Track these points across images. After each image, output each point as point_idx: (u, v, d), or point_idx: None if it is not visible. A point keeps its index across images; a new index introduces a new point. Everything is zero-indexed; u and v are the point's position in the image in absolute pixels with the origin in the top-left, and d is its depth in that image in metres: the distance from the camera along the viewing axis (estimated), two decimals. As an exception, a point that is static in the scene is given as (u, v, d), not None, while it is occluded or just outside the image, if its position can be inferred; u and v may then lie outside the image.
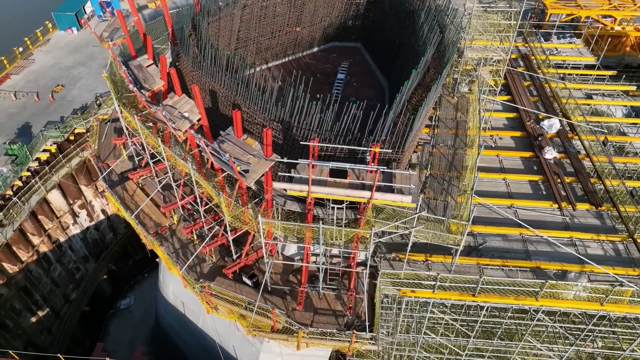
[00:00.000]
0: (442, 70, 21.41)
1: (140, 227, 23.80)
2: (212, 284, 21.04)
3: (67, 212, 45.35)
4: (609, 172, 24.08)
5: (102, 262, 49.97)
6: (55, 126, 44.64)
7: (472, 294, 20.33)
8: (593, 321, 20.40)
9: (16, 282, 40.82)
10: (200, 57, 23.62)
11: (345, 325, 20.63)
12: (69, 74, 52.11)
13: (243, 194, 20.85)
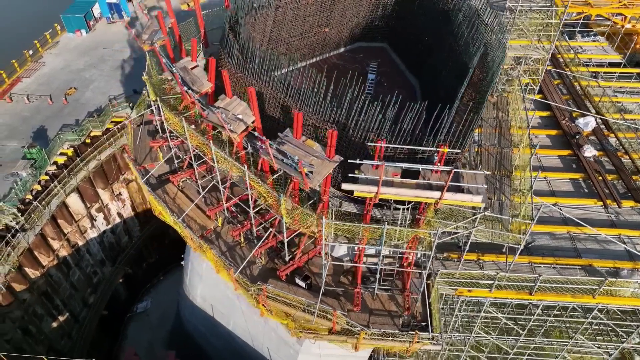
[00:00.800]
0: (494, 69, 21.50)
1: (188, 230, 23.62)
2: (270, 287, 20.95)
3: (85, 216, 44.97)
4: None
5: (118, 265, 49.63)
6: (72, 129, 44.25)
7: (529, 292, 20.47)
8: (647, 317, 20.66)
9: (38, 287, 40.40)
10: (243, 58, 23.55)
11: (402, 326, 20.66)
12: (81, 76, 51.63)
13: (295, 196, 20.79)
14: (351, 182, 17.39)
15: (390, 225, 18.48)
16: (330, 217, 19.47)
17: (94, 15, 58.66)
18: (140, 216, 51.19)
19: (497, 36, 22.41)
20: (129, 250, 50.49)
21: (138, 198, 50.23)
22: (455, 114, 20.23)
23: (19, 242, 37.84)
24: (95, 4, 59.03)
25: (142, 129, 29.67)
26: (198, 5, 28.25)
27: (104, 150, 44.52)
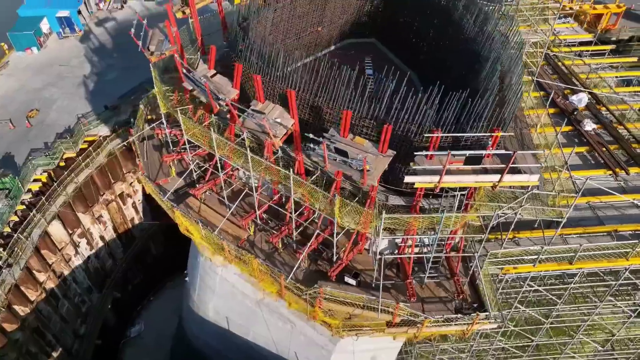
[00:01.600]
0: (517, 59, 22.44)
1: (226, 242, 23.01)
2: (328, 288, 20.84)
3: (69, 243, 42.70)
4: (648, 136, 26.41)
5: (106, 291, 47.41)
6: (43, 153, 41.79)
7: (569, 262, 21.62)
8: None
9: (29, 324, 37.97)
10: (264, 63, 23.23)
11: (456, 310, 21.20)
12: (41, 96, 48.78)
13: (339, 194, 20.78)
14: (412, 175, 17.64)
15: (442, 213, 18.91)
16: (379, 211, 19.65)
17: (43, 32, 55.45)
18: (122, 237, 49.14)
19: (509, 27, 23.39)
20: (115, 273, 48.33)
21: (119, 218, 48.19)
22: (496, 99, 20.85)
23: (4, 279, 35.37)
24: (43, 19, 55.82)
25: (147, 144, 28.48)
26: (195, 13, 27.49)
27: (81, 172, 42.38)
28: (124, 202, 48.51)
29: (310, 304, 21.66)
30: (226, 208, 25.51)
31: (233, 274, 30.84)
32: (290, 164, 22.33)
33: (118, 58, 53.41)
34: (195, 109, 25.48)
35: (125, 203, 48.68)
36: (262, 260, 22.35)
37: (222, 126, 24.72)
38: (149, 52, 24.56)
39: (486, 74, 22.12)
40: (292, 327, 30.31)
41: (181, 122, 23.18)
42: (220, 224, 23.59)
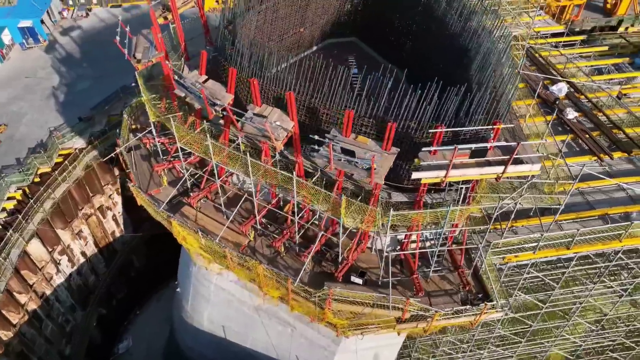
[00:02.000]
0: (506, 51, 22.92)
1: (231, 251, 22.65)
2: (337, 289, 20.78)
3: (49, 262, 41.26)
4: (629, 121, 27.43)
5: (90, 308, 46.04)
6: (16, 169, 40.26)
7: (567, 247, 22.26)
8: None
9: (13, 349, 36.53)
10: (257, 67, 23.03)
11: (462, 301, 21.52)
12: (8, 111, 47.01)
13: (341, 194, 20.77)
14: (418, 171, 17.81)
15: (448, 207, 19.16)
16: (384, 209, 19.76)
17: (5, 43, 53.37)
18: (104, 251, 47.83)
19: (493, 21, 23.90)
20: (98, 289, 46.99)
21: (99, 232, 46.91)
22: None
23: (-15, 305, 34.00)
24: (4, 30, 53.70)
25: (134, 154, 27.76)
26: (177, 18, 26.98)
27: (57, 187, 41.06)
28: (104, 216, 47.26)
29: (319, 306, 21.57)
30: (223, 215, 25.17)
31: (229, 282, 30.49)
32: (290, 167, 22.19)
33: (88, 67, 51.97)
34: (185, 116, 25.00)
35: (105, 216, 47.43)
36: (267, 266, 22.11)
37: (214, 132, 24.34)
38: (136, 59, 23.96)
39: (477, 68, 22.52)
40: (293, 330, 30.17)
41: (173, 130, 22.71)
42: (221, 232, 23.21)
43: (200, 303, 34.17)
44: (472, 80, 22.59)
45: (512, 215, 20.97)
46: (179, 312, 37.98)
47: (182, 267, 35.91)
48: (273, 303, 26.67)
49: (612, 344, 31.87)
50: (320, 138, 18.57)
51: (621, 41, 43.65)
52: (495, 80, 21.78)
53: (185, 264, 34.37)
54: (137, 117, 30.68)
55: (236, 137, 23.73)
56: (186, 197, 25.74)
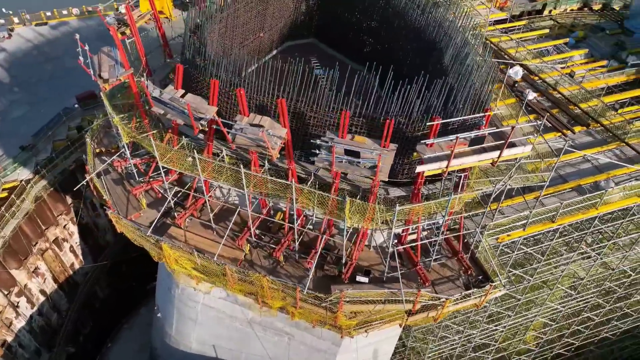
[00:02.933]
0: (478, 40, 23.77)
1: (231, 267, 21.92)
2: (349, 290, 20.69)
3: (7, 306, 38.24)
4: (582, 97, 29.37)
5: (57, 349, 43.17)
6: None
7: (552, 221, 23.50)
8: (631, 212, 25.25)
9: (-20, 405, 33.51)
10: (232, 74, 22.50)
11: (465, 286, 22.15)
12: None
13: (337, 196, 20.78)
14: (422, 164, 18.13)
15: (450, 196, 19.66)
16: (385, 205, 19.98)
17: None
18: (65, 286, 44.95)
19: (454, 12, 24.74)
20: (64, 327, 44.11)
21: (57, 267, 44.04)
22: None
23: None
24: None
25: (105, 179, 26.23)
26: (136, 31, 25.78)
27: (6, 224, 38.12)
28: (61, 248, 44.44)
29: (329, 310, 21.42)
30: (213, 232, 24.38)
31: (218, 299, 29.66)
32: (281, 174, 21.85)
33: (20, 92, 48.77)
34: (160, 133, 23.94)
35: (62, 249, 44.62)
36: (271, 277, 21.65)
37: (195, 147, 23.45)
38: (102, 79, 22.62)
39: (452, 59, 23.20)
40: (290, 339, 29.83)
41: (154, 149, 21.68)
42: (218, 249, 22.44)
43: (186, 325, 32.93)
44: (449, 71, 23.26)
45: (502, 197, 21.82)
46: (161, 338, 36.39)
47: (163, 292, 34.44)
48: (271, 314, 26.23)
49: (587, 305, 34.11)
50: (321, 142, 18.41)
51: (552, 23, 46.57)
52: (472, 68, 22.52)
53: (166, 287, 32.98)
54: (100, 140, 29.05)
55: (220, 151, 23.06)
56: (169, 218, 24.70)
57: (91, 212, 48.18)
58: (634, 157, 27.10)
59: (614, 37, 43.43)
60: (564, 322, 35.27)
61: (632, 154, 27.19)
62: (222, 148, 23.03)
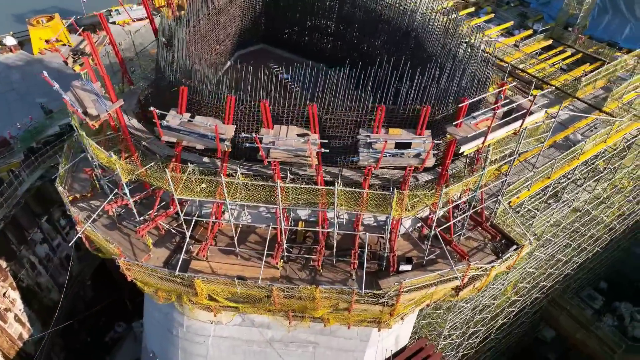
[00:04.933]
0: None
1: (278, 289, 20.91)
2: (406, 279, 20.82)
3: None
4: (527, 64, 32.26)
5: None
6: None
7: (548, 177, 25.71)
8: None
9: None
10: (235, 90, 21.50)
11: (494, 252, 23.44)
12: None
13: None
14: (463, 144, 18.88)
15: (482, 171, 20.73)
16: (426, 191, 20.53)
17: None
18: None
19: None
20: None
21: (5, 342, 39.09)
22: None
23: None
24: None
25: (97, 225, 23.57)
26: (99, 60, 23.40)
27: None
28: (5, 320, 39.22)
29: (387, 305, 21.45)
30: (236, 256, 23.14)
31: (231, 327, 28.30)
32: (306, 182, 21.38)
33: None
34: (162, 163, 22.03)
35: (6, 320, 39.40)
36: (324, 287, 21.12)
37: (205, 171, 21.99)
38: (90, 117, 20.24)
39: (438, 44, 24.25)
40: (315, 347, 29.33)
41: (169, 182, 19.99)
42: (259, 273, 21.35)
43: (196, 348, 30.78)
44: (436, 56, 24.28)
45: (512, 162, 23.30)
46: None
47: (158, 336, 31.91)
48: (303, 326, 25.66)
49: (559, 248, 37.90)
50: (366, 139, 18.34)
51: (457, 1, 50.27)
52: (458, 49, 23.72)
53: (164, 330, 30.59)
54: (71, 186, 26.03)
55: (235, 170, 21.91)
56: (183, 253, 23.01)
57: (30, 272, 43.20)
58: (585, 109, 30.49)
59: (516, 8, 48.13)
60: (541, 269, 38.74)
61: (583, 106, 30.56)
62: (234, 168, 21.90)
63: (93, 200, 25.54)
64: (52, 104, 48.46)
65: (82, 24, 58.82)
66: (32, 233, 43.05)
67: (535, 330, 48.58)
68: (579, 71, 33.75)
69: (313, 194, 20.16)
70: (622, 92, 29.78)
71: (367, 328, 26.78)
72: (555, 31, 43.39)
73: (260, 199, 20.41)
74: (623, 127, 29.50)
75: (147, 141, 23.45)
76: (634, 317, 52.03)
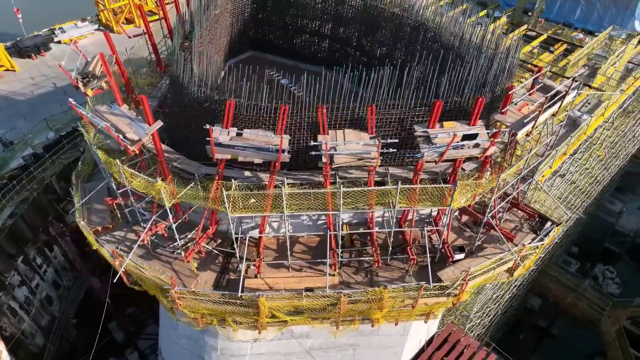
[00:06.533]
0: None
1: (346, 295, 20.50)
2: (471, 267, 21.12)
3: None
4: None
5: None
6: None
7: (564, 154, 27.09)
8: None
9: None
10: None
11: (532, 230, 24.36)
12: None
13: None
14: (519, 130, 19.50)
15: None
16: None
17: None
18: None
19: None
20: None
21: None
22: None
23: None
24: None
25: (133, 259, 21.95)
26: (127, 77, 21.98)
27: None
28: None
29: (453, 295, 21.70)
30: (286, 269, 22.51)
31: (269, 342, 27.61)
32: (355, 184, 21.19)
33: None
34: (200, 184, 20.95)
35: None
36: (393, 286, 21.01)
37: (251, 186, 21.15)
38: (133, 141, 18.84)
39: (454, 37, 24.78)
40: (355, 349, 29.23)
41: (227, 206, 19.08)
42: (325, 282, 20.85)
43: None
44: (454, 49, 24.82)
45: (550, 142, 24.25)
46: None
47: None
48: (351, 329, 25.47)
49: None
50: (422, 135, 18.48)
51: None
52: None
53: (196, 357, 29.22)
54: (89, 219, 24.16)
55: (281, 180, 21.30)
56: (230, 273, 22.13)
57: (12, 319, 39.85)
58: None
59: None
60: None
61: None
62: (280, 178, 21.29)
63: (116, 232, 23.87)
64: (9, 134, 44.76)
65: (24, 45, 54.90)
66: (9, 277, 39.65)
67: (524, 300, 51.13)
68: (557, 52, 35.89)
69: (371, 196, 19.96)
70: (606, 68, 31.99)
71: (407, 322, 26.99)
72: (516, 16, 45.75)
73: (312, 207, 19.94)
74: (615, 100, 31.79)
75: (178, 161, 22.18)
76: (605, 276, 56.12)
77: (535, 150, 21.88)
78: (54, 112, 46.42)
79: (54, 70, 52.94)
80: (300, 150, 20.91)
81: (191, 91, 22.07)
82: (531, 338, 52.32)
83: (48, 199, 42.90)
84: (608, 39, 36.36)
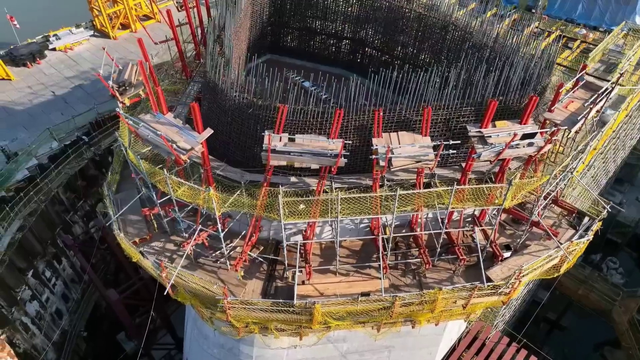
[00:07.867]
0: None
1: (400, 298, 20.29)
2: (524, 265, 21.13)
3: None
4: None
5: None
6: None
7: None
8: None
9: None
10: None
11: (571, 226, 24.54)
12: None
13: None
14: (572, 126, 19.60)
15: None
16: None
17: None
18: None
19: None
20: None
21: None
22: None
23: None
24: None
25: (180, 270, 21.40)
26: (150, 89, 21.35)
27: None
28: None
29: (504, 294, 21.70)
30: (333, 274, 22.24)
31: (305, 348, 27.36)
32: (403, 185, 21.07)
33: None
34: (256, 187, 20.54)
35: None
36: (446, 287, 20.89)
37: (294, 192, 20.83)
38: (185, 150, 18.32)
39: (488, 39, 24.82)
40: (390, 351, 29.12)
41: (280, 214, 18.73)
42: (380, 285, 20.66)
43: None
44: (488, 50, 24.84)
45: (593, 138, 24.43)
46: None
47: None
48: (394, 331, 25.38)
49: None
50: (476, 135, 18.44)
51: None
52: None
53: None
54: (125, 230, 23.49)
55: (329, 185, 21.02)
56: (276, 281, 21.80)
57: (25, 334, 38.76)
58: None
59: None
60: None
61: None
62: (332, 182, 21.06)
63: (154, 242, 23.27)
64: (11, 145, 43.53)
65: (19, 54, 53.53)
66: (20, 291, 38.55)
67: (532, 294, 51.72)
68: (577, 50, 36.30)
69: (421, 198, 19.83)
70: (624, 64, 32.50)
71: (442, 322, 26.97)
72: (519, 14, 46.14)
73: (364, 211, 19.74)
74: (637, 94, 32.33)
75: (220, 169, 21.73)
76: (608, 266, 57.10)
77: (579, 147, 22.02)
78: (55, 121, 45.42)
79: (51, 78, 51.68)
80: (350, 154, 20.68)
81: (232, 97, 21.62)
82: (541, 330, 52.96)
83: (55, 210, 41.83)
84: (622, 34, 37.03)
